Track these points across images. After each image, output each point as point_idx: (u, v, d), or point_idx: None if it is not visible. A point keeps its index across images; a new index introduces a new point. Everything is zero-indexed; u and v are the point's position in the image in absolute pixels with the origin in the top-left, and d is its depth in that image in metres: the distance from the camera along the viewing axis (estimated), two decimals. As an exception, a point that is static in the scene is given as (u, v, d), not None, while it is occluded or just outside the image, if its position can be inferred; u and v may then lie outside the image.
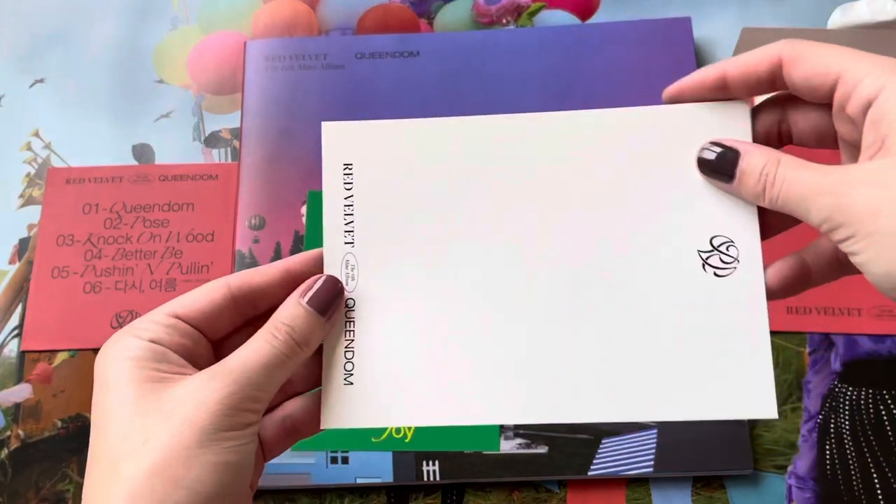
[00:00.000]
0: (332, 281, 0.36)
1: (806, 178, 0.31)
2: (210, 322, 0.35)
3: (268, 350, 0.33)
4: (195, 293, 0.35)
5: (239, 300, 0.35)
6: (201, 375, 0.32)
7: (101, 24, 0.73)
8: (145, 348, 0.32)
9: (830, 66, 0.31)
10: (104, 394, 0.32)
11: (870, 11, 0.64)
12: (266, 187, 0.63)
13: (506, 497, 0.56)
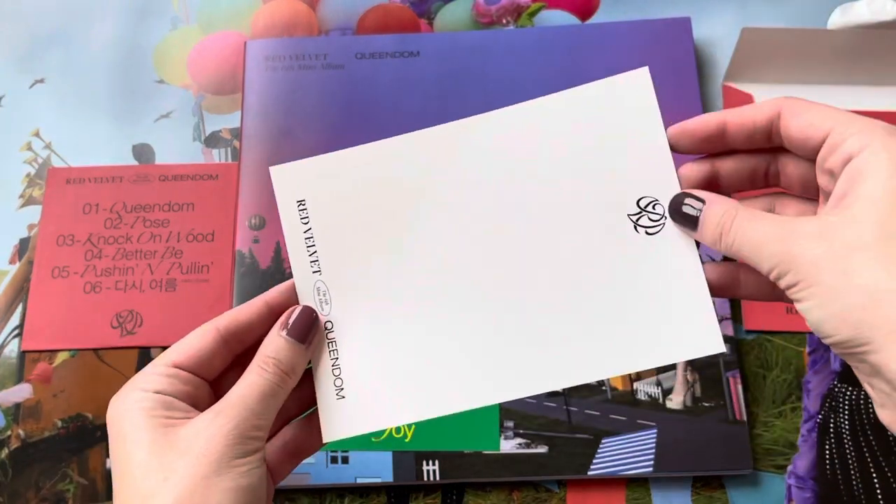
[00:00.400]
0: (307, 311, 0.39)
1: (758, 229, 0.33)
2: (205, 365, 0.38)
3: (260, 382, 0.36)
4: (188, 341, 0.38)
5: (228, 340, 0.39)
6: (206, 414, 0.36)
7: (101, 24, 0.73)
8: (153, 399, 0.36)
9: (824, 122, 0.33)
10: (121, 443, 0.36)
11: (870, 11, 0.64)
12: (266, 187, 0.63)
13: (506, 497, 0.56)
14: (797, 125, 0.34)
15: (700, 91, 0.65)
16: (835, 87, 0.67)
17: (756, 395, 0.58)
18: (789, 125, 0.34)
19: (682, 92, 0.65)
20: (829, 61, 0.65)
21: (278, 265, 0.61)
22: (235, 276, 0.61)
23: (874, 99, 0.66)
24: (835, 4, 0.66)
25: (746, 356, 0.59)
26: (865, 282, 0.30)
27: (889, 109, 0.65)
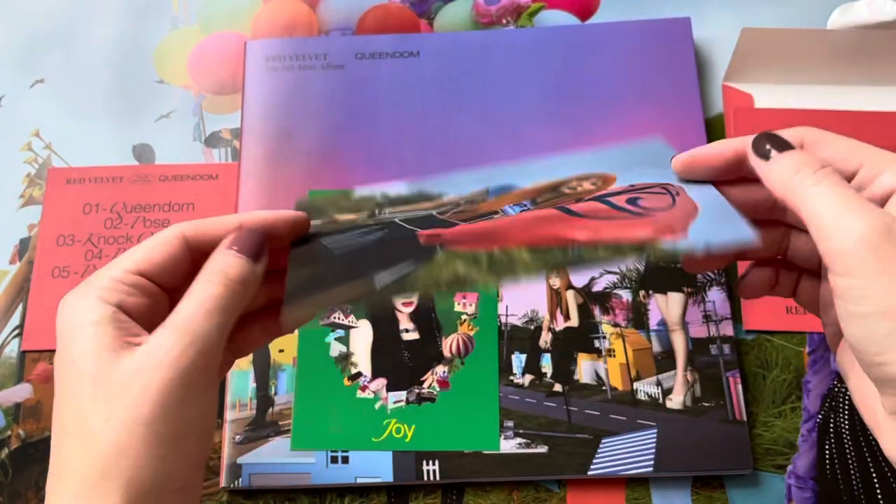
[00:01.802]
0: (256, 232, 0.37)
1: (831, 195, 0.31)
2: (168, 274, 0.36)
3: (210, 297, 0.34)
4: (153, 245, 0.35)
5: (193, 251, 0.36)
6: (152, 337, 0.33)
7: (101, 24, 0.73)
8: (108, 314, 0.33)
9: (854, 154, 0.32)
10: (67, 363, 0.33)
11: (870, 11, 0.64)
12: (266, 187, 0.63)
13: (506, 497, 0.56)
14: (824, 156, 0.33)
15: (700, 91, 0.65)
16: (835, 87, 0.67)
17: (756, 395, 0.58)
18: (816, 154, 0.33)
19: (681, 92, 0.65)
20: (828, 61, 0.65)
21: (278, 265, 0.61)
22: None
23: (874, 99, 0.66)
24: (834, 4, 0.66)
25: (746, 356, 0.59)
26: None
27: (889, 109, 0.65)
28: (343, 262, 0.37)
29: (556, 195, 0.39)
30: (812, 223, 0.31)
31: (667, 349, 0.58)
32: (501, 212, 0.38)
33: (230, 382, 0.58)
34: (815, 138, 0.33)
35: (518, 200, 0.39)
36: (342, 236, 0.39)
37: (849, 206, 0.30)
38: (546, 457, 0.55)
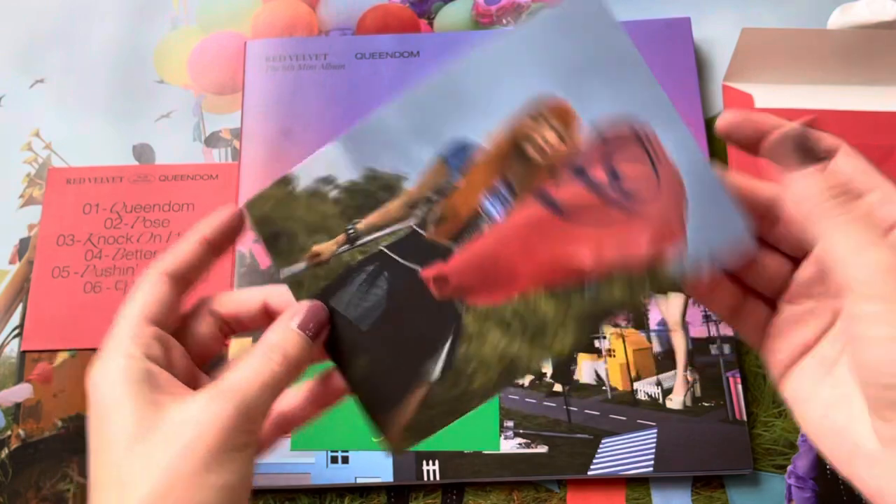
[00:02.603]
0: (320, 307, 0.37)
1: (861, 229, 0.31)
2: (170, 315, 0.36)
3: (265, 371, 0.34)
4: (144, 292, 0.36)
5: (178, 283, 0.37)
6: (200, 397, 0.33)
7: (101, 24, 0.73)
8: (139, 370, 0.33)
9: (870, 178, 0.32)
10: (103, 421, 0.33)
11: (870, 11, 0.64)
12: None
13: (506, 497, 0.56)
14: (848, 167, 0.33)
15: (700, 91, 0.65)
16: (835, 87, 0.67)
17: (756, 395, 0.58)
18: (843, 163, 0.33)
19: (681, 92, 0.65)
20: (828, 61, 0.65)
21: (278, 265, 0.61)
22: (235, 276, 0.61)
23: (874, 99, 0.66)
24: (835, 4, 0.66)
25: (746, 356, 0.59)
26: None
27: (889, 109, 0.65)
28: (380, 346, 0.37)
29: (524, 163, 0.36)
30: (832, 252, 0.31)
31: (667, 349, 0.58)
32: (484, 214, 0.37)
33: (230, 382, 0.58)
34: (848, 152, 0.33)
35: (488, 183, 0.36)
36: (348, 295, 0.38)
37: (873, 240, 0.30)
38: (546, 457, 0.55)
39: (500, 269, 0.36)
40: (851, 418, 0.32)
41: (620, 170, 0.35)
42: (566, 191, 0.35)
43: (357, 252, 0.37)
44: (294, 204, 0.37)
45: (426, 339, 0.37)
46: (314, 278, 0.38)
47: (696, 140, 0.35)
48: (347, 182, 0.37)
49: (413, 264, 0.37)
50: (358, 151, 0.37)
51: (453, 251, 0.37)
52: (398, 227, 0.37)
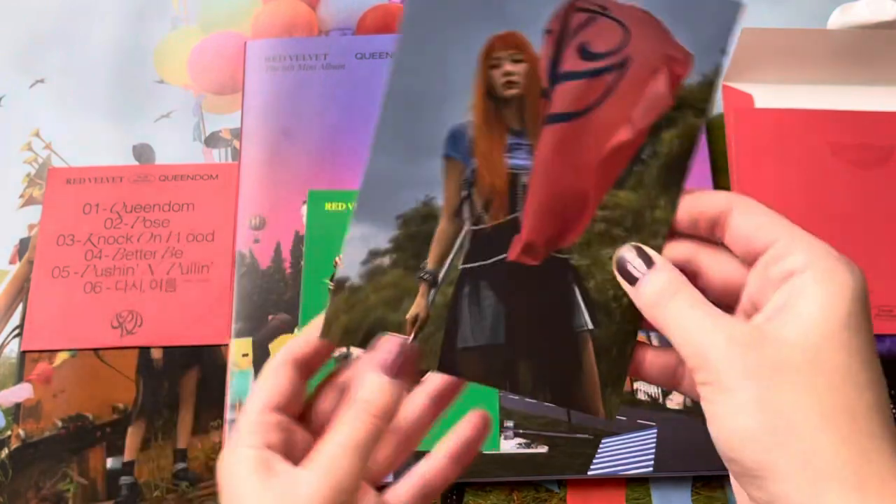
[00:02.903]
0: (397, 341, 0.35)
1: (694, 317, 0.32)
2: (292, 402, 0.36)
3: (349, 433, 0.34)
4: (268, 380, 0.36)
5: (301, 370, 0.37)
6: (297, 474, 0.33)
7: (101, 24, 0.73)
8: (262, 459, 0.34)
9: (773, 229, 0.32)
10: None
11: (870, 11, 0.64)
12: (266, 187, 0.63)
13: (506, 497, 0.56)
14: (746, 225, 0.33)
15: (700, 91, 0.65)
16: (835, 86, 0.67)
17: (756, 395, 0.58)
18: (738, 223, 0.33)
19: (682, 92, 0.65)
20: (828, 61, 0.65)
21: (278, 265, 0.61)
22: (235, 276, 0.61)
23: (874, 99, 0.66)
24: (835, 4, 0.66)
25: (746, 356, 0.59)
26: (785, 406, 0.29)
27: (889, 109, 0.65)
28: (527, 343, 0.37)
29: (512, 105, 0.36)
30: (677, 342, 0.32)
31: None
32: (518, 171, 0.36)
33: (230, 382, 0.58)
34: (744, 206, 0.33)
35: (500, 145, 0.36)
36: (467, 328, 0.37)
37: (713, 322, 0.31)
38: (546, 457, 0.55)
39: (567, 202, 0.36)
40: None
41: (586, 42, 0.35)
42: (561, 96, 0.35)
43: (445, 288, 0.36)
44: (362, 298, 0.36)
45: (559, 304, 0.36)
46: (429, 339, 0.36)
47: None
48: (390, 243, 0.36)
49: (498, 257, 0.36)
50: (376, 213, 0.36)
51: (519, 220, 0.36)
52: (459, 239, 0.37)
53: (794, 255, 0.31)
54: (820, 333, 0.29)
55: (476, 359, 0.36)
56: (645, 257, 0.34)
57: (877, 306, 0.59)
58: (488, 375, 0.36)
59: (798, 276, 0.31)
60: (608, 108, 0.35)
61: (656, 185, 0.35)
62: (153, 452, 0.58)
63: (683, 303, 0.32)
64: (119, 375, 0.60)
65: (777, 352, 0.30)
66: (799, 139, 0.64)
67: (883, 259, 0.60)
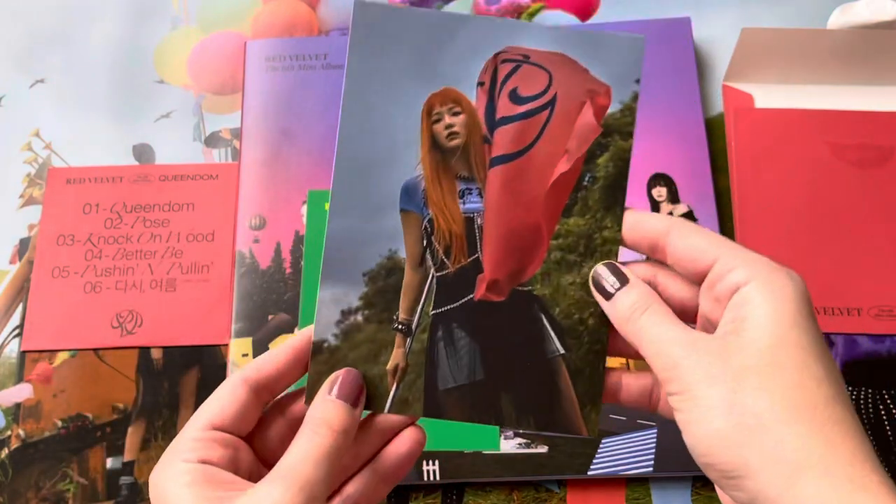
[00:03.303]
0: (354, 373, 0.37)
1: (664, 331, 0.34)
2: (241, 421, 0.36)
3: (314, 447, 0.34)
4: (220, 397, 0.36)
5: (259, 392, 0.37)
6: (260, 487, 0.33)
7: (101, 24, 0.73)
8: (197, 471, 0.34)
9: (711, 248, 0.35)
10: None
11: (869, 11, 0.64)
12: (266, 187, 0.64)
13: (506, 497, 0.56)
14: (684, 246, 0.35)
15: (700, 91, 0.65)
16: (834, 86, 0.67)
17: (756, 395, 0.58)
18: (677, 246, 0.36)
19: (682, 92, 0.65)
20: (828, 61, 0.65)
21: (278, 265, 0.62)
22: (235, 276, 0.61)
23: (874, 99, 0.66)
24: (835, 4, 0.66)
25: (746, 356, 0.59)
26: (751, 407, 0.31)
27: (889, 109, 0.65)
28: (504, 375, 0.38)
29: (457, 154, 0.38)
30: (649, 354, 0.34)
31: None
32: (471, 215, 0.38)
33: (230, 382, 0.58)
34: (681, 230, 0.36)
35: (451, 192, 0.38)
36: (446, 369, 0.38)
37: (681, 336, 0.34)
38: (546, 457, 0.55)
39: (522, 236, 0.38)
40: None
41: (515, 88, 0.38)
42: (501, 140, 0.38)
43: (420, 335, 0.38)
44: (341, 357, 0.38)
45: (529, 334, 0.38)
46: (410, 387, 0.38)
47: (545, 28, 0.38)
48: (360, 301, 0.38)
49: (465, 298, 0.38)
50: (343, 274, 0.38)
51: (480, 260, 0.38)
52: (426, 287, 0.38)
53: (736, 270, 0.33)
54: (773, 336, 0.32)
55: (459, 398, 0.38)
56: (619, 274, 0.37)
57: (877, 306, 0.59)
58: (472, 413, 0.38)
59: (743, 289, 0.33)
60: (545, 144, 0.38)
61: (600, 207, 0.38)
62: (153, 452, 0.58)
63: (654, 317, 0.35)
64: (119, 375, 0.60)
65: (738, 358, 0.32)
66: (799, 139, 0.64)
67: (883, 259, 0.60)
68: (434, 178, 0.38)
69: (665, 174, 0.63)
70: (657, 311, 0.35)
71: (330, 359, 0.38)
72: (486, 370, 0.38)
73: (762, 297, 0.32)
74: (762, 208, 0.62)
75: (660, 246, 0.36)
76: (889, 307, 0.59)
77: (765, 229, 0.61)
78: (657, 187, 0.62)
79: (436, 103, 0.38)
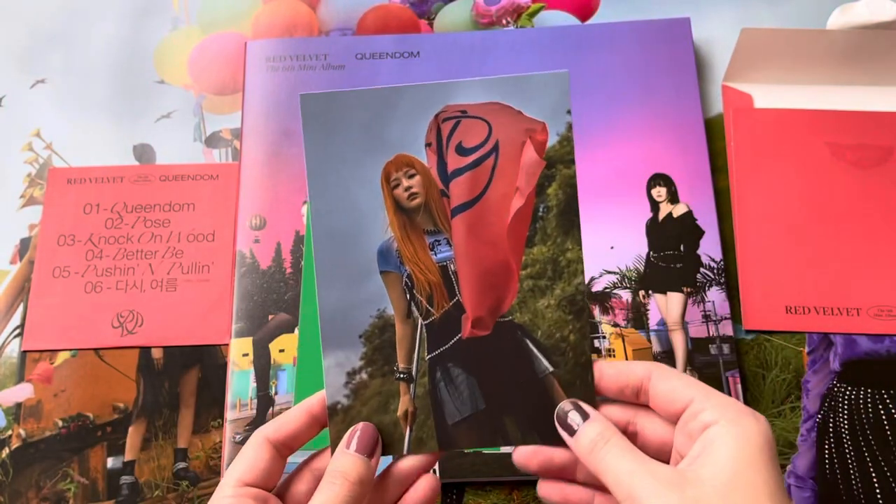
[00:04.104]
0: (370, 428, 0.41)
1: (623, 462, 0.37)
2: (268, 476, 0.40)
3: (334, 498, 0.38)
4: (247, 456, 0.40)
5: (280, 448, 0.41)
6: None
7: (102, 24, 0.73)
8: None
9: (687, 391, 0.38)
10: None
11: (869, 11, 0.64)
12: (266, 187, 0.64)
13: (505, 497, 0.56)
14: (664, 389, 0.39)
15: (700, 91, 0.65)
16: (834, 87, 0.67)
17: (755, 395, 0.58)
18: (657, 388, 0.39)
19: (681, 92, 0.65)
20: (828, 61, 0.65)
21: (279, 265, 0.62)
22: (236, 276, 0.61)
23: (874, 99, 0.66)
24: (834, 4, 0.66)
25: (746, 356, 0.59)
26: None
27: (889, 109, 0.65)
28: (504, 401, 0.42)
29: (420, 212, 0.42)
30: (610, 484, 0.37)
31: (666, 349, 0.58)
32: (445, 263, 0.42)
33: (230, 382, 0.58)
34: (661, 374, 0.39)
35: (422, 248, 0.42)
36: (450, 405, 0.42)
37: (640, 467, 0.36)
38: (546, 456, 0.55)
39: (494, 273, 0.41)
40: None
41: (460, 142, 0.41)
42: (457, 190, 0.41)
43: (421, 379, 0.42)
44: (355, 415, 0.42)
45: (518, 359, 0.42)
46: (422, 427, 0.42)
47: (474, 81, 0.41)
48: (362, 360, 0.42)
49: (454, 339, 0.42)
50: (341, 340, 0.42)
51: (460, 301, 0.42)
52: (417, 335, 0.42)
53: (707, 411, 0.37)
54: (730, 472, 0.35)
55: (467, 428, 0.42)
56: (581, 411, 0.40)
57: (876, 306, 0.59)
58: (482, 439, 0.42)
59: (712, 428, 0.36)
60: (497, 186, 0.41)
61: (559, 232, 0.41)
62: (154, 452, 0.58)
63: (615, 449, 0.38)
64: (119, 375, 0.60)
65: (694, 489, 0.35)
66: (798, 139, 0.64)
67: (882, 259, 0.60)
68: (404, 237, 0.42)
69: (665, 174, 0.63)
70: (616, 444, 0.38)
71: (345, 418, 0.41)
72: (486, 399, 0.42)
73: (727, 436, 0.36)
74: (761, 208, 0.62)
75: (643, 390, 0.40)
76: (888, 307, 0.59)
77: (764, 229, 0.62)
78: (657, 187, 0.63)
79: (391, 170, 0.41)
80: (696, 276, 0.60)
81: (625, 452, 0.37)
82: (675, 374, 0.39)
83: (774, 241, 0.61)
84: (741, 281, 0.60)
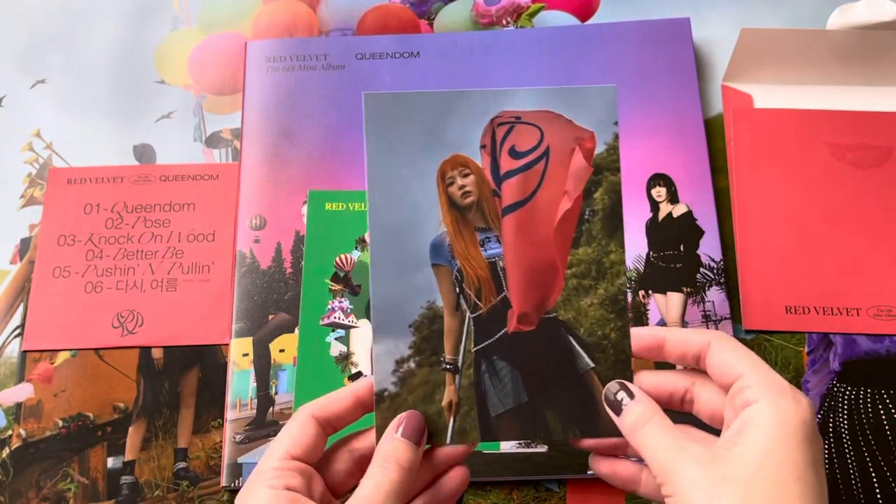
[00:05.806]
0: (417, 415, 0.42)
1: (659, 439, 0.38)
2: (313, 452, 0.41)
3: (385, 482, 0.39)
4: (293, 431, 0.41)
5: (324, 427, 0.42)
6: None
7: (102, 24, 0.73)
8: (284, 498, 0.38)
9: (738, 365, 0.39)
10: None
11: (869, 12, 0.64)
12: (266, 187, 0.64)
13: (505, 496, 0.56)
14: (718, 361, 0.40)
15: (700, 91, 0.65)
16: (834, 87, 0.67)
17: (755, 395, 0.58)
18: (713, 359, 0.40)
19: (681, 92, 0.65)
20: (828, 62, 0.65)
21: (279, 265, 0.62)
22: (236, 276, 0.61)
23: (874, 99, 0.66)
24: (834, 5, 0.66)
25: (746, 356, 0.59)
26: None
27: (888, 109, 0.65)
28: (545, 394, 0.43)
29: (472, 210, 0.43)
30: (648, 460, 0.39)
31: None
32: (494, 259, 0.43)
33: (230, 382, 0.58)
34: (718, 345, 0.40)
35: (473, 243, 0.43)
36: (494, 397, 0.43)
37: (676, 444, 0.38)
38: (546, 457, 0.55)
39: (540, 271, 0.43)
40: None
41: (513, 146, 0.43)
42: (508, 191, 0.43)
43: (466, 371, 0.43)
44: (401, 402, 0.42)
45: (561, 355, 0.43)
46: (465, 417, 0.43)
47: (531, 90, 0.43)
48: (410, 349, 0.43)
49: (500, 333, 0.43)
50: (392, 328, 0.43)
51: (508, 297, 0.43)
52: (465, 328, 0.44)
53: (752, 388, 0.38)
54: (761, 453, 0.36)
55: (509, 420, 0.43)
56: (628, 391, 0.41)
57: (875, 306, 0.59)
58: (524, 431, 0.44)
59: (752, 406, 0.37)
60: (546, 189, 0.43)
61: (603, 235, 0.43)
62: (154, 452, 0.58)
63: (655, 428, 0.39)
64: (120, 375, 0.60)
65: (725, 467, 0.36)
66: (798, 139, 0.64)
67: (882, 259, 0.60)
68: (456, 232, 0.43)
69: (664, 174, 0.63)
70: (656, 423, 0.39)
71: (392, 405, 0.42)
72: (529, 392, 0.43)
73: (764, 416, 0.36)
74: (761, 208, 0.62)
75: (702, 358, 0.41)
76: (888, 307, 0.59)
77: (763, 229, 0.62)
78: (657, 187, 0.63)
79: (447, 169, 0.43)
80: (696, 276, 0.60)
81: (664, 431, 0.39)
82: (731, 346, 0.40)
83: (774, 241, 0.61)
84: (741, 281, 0.60)
